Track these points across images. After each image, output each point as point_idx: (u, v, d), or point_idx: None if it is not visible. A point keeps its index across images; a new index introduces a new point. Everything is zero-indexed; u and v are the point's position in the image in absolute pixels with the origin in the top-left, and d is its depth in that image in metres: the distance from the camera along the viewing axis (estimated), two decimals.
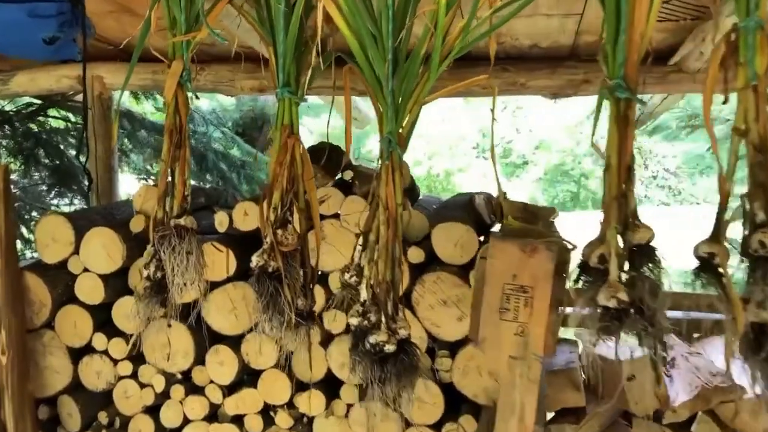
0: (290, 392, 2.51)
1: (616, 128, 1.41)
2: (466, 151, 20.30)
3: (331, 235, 2.41)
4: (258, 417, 2.57)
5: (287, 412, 2.52)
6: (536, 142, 20.25)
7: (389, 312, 1.56)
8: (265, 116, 6.15)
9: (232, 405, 2.58)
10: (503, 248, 1.49)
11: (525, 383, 1.49)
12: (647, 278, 1.35)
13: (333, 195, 2.41)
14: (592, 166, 18.62)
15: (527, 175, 20.34)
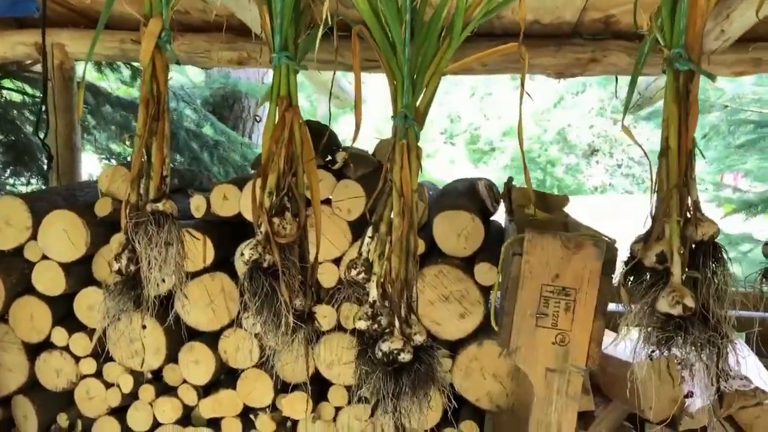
0: (273, 394, 2.29)
1: (676, 106, 1.21)
2: (434, 137, 20.13)
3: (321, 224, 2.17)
4: (237, 420, 2.34)
5: (269, 415, 2.30)
6: (504, 128, 20.20)
7: (403, 314, 1.34)
8: (237, 94, 5.85)
9: (208, 407, 2.34)
10: (542, 244, 1.29)
11: (563, 399, 1.30)
12: (712, 281, 1.16)
13: (324, 178, 2.17)
14: (558, 154, 18.63)
15: (495, 161, 20.29)
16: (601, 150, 18.86)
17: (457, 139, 20.81)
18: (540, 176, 20.06)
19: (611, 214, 12.22)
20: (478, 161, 20.41)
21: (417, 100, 1.42)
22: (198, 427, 2.36)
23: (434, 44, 1.40)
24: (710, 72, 1.23)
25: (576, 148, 18.91)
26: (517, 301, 1.32)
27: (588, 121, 18.64)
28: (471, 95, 20.83)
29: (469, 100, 20.78)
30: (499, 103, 19.94)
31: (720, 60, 2.49)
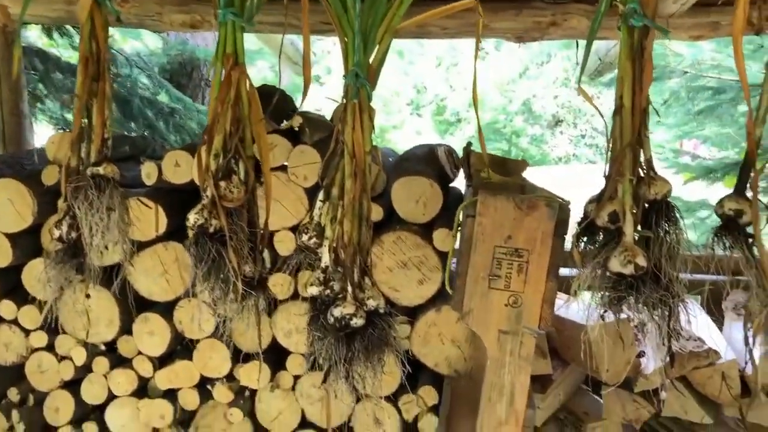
0: (230, 364, 2.26)
1: (631, 63, 1.19)
2: (400, 108, 20.03)
3: (276, 190, 2.12)
4: (194, 391, 2.30)
5: (227, 385, 2.27)
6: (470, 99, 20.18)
7: (356, 279, 1.32)
8: (195, 61, 5.69)
9: (164, 378, 2.30)
10: (495, 205, 1.27)
11: (516, 361, 1.29)
12: (664, 240, 1.15)
13: (279, 144, 2.12)
14: (523, 124, 18.71)
15: (461, 132, 20.31)
16: (566, 120, 19.01)
17: (424, 110, 20.75)
18: (505, 147, 20.14)
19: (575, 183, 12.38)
20: (444, 132, 20.38)
21: (369, 59, 1.37)
22: (154, 399, 2.32)
23: (386, 0, 1.35)
24: (664, 28, 1.21)
25: (541, 118, 19.02)
26: (470, 263, 1.29)
27: (552, 91, 18.73)
28: (437, 65, 20.73)
29: (435, 70, 20.69)
30: (465, 73, 19.89)
31: (678, 24, 2.48)
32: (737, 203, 1.15)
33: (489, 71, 19.02)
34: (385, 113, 19.78)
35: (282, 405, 2.27)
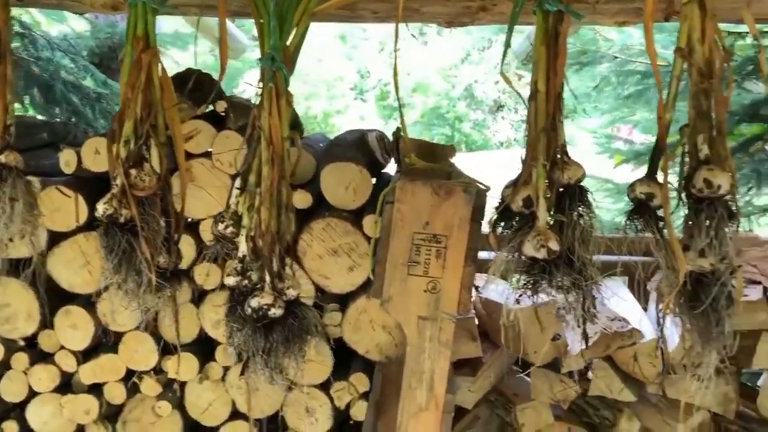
0: (157, 356, 2.20)
1: (545, 47, 1.19)
2: (344, 93, 19.93)
3: (201, 177, 2.07)
4: (120, 385, 2.23)
5: (154, 378, 2.21)
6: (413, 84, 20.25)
7: (274, 269, 1.29)
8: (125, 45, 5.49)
9: (89, 373, 2.22)
10: (413, 191, 1.26)
11: (435, 347, 1.29)
12: (578, 224, 1.16)
13: (203, 130, 2.06)
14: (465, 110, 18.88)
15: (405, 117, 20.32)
16: (507, 105, 19.27)
17: (367, 95, 20.70)
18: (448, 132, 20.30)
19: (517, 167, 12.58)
20: (388, 117, 20.38)
21: (286, 42, 1.34)
22: (78, 394, 2.24)
23: None
24: (577, 12, 1.22)
25: (483, 103, 19.20)
26: (389, 249, 1.29)
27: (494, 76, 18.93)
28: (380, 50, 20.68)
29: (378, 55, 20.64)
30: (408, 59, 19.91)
31: (604, 9, 2.51)
32: (648, 187, 1.17)
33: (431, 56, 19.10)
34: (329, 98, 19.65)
35: (212, 396, 2.23)
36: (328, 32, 19.28)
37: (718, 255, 1.12)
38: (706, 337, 1.16)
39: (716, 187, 1.11)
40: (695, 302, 1.16)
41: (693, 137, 1.15)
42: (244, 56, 17.28)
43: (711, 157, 1.14)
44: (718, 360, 1.16)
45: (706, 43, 1.15)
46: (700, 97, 1.14)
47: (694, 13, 1.16)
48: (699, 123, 1.14)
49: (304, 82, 19.30)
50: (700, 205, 1.12)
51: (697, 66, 1.15)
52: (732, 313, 1.16)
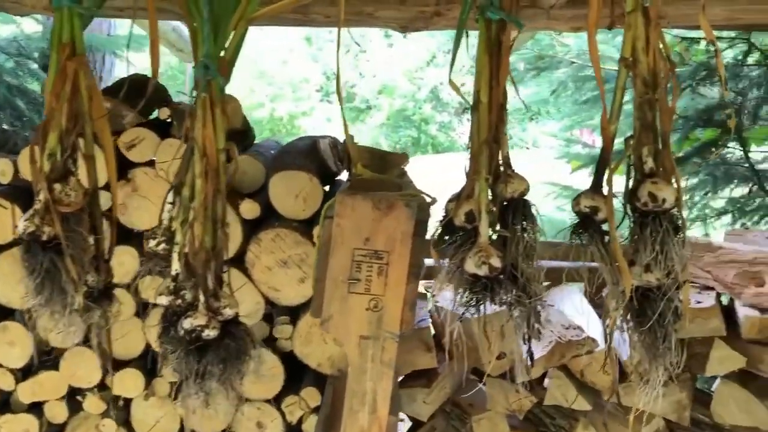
0: (101, 373, 2.11)
1: (488, 57, 1.16)
2: (310, 94, 19.82)
3: (145, 187, 2.00)
4: (61, 404, 2.14)
5: (98, 395, 2.12)
6: (379, 86, 20.24)
7: (210, 287, 1.23)
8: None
9: (28, 391, 2.13)
10: (353, 205, 1.21)
11: (378, 367, 1.24)
12: (522, 239, 1.13)
13: (146, 137, 1.99)
14: (431, 112, 18.91)
15: (371, 119, 20.33)
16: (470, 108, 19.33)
17: (333, 97, 20.59)
18: (414, 134, 20.32)
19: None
20: (354, 119, 20.31)
21: (222, 49, 1.28)
22: (18, 414, 2.14)
23: None
24: (519, 20, 1.19)
25: (448, 105, 19.26)
26: (329, 266, 1.24)
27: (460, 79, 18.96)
28: (346, 52, 20.61)
29: (344, 57, 20.56)
30: (374, 61, 19.89)
31: (558, 15, 2.50)
32: (593, 200, 1.14)
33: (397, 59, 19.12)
34: (294, 100, 19.52)
35: (159, 413, 2.15)
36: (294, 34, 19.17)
37: (663, 270, 1.10)
38: (653, 353, 1.13)
39: (661, 200, 1.08)
40: (642, 318, 1.14)
41: (638, 149, 1.12)
42: None
43: (656, 169, 1.11)
44: (665, 376, 1.14)
45: (650, 52, 1.13)
46: (645, 108, 1.12)
47: (638, 22, 1.14)
48: (643, 135, 1.12)
49: (270, 83, 19.16)
50: (645, 219, 1.09)
51: (641, 76, 1.12)
52: (679, 329, 1.14)
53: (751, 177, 3.55)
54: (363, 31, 20.10)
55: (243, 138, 2.38)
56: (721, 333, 2.07)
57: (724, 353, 2.06)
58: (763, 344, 2.06)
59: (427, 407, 2.16)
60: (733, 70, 3.12)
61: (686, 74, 3.22)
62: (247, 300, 2.03)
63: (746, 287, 2.15)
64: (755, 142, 3.43)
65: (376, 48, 19.76)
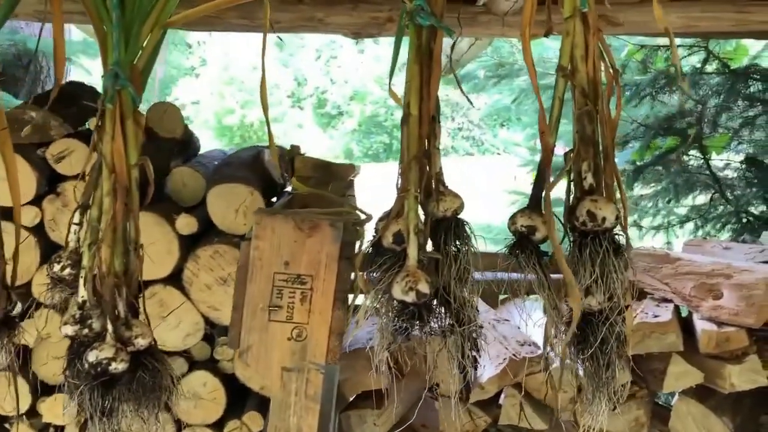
0: (30, 398, 1.99)
1: (418, 66, 1.08)
2: (280, 100, 19.67)
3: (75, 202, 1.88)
4: None
5: (27, 422, 2.00)
6: (351, 92, 20.16)
7: (121, 315, 1.13)
8: (31, 52, 5.18)
9: None
10: (272, 226, 1.12)
11: (302, 402, 1.15)
12: (455, 261, 1.05)
13: (76, 149, 1.87)
14: None
15: (342, 126, 20.26)
16: (444, 114, 19.38)
17: (305, 103, 20.50)
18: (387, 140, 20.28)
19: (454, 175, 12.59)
20: (326, 125, 20.21)
21: (134, 56, 1.18)
22: None
23: None
24: (449, 27, 1.11)
25: None
26: (247, 293, 1.15)
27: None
28: (317, 58, 20.53)
29: (315, 63, 20.48)
30: (345, 66, 19.80)
31: (513, 22, 2.45)
32: (530, 219, 1.07)
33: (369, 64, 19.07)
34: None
35: None
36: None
37: (605, 293, 1.02)
38: (596, 381, 1.06)
39: (600, 219, 1.01)
40: (583, 344, 1.06)
41: (577, 164, 1.05)
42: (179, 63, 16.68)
43: (596, 186, 1.04)
44: (610, 407, 1.06)
45: (590, 61, 1.06)
46: (584, 120, 1.04)
47: (576, 29, 1.07)
48: (583, 149, 1.04)
49: (240, 89, 18.97)
50: (584, 239, 1.02)
51: (580, 86, 1.05)
52: (623, 355, 1.07)
53: (713, 185, 3.53)
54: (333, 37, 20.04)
55: (185, 148, 2.27)
56: (678, 348, 2.01)
57: (682, 369, 2.00)
58: (721, 359, 2.01)
59: (377, 429, 2.08)
60: (692, 78, 3.09)
61: (646, 82, 3.19)
62: (185, 320, 1.93)
63: (704, 300, 2.10)
64: (715, 150, 3.41)
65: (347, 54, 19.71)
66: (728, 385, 1.95)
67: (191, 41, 20.08)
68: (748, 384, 1.96)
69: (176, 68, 20.05)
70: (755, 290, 1.98)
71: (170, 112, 2.14)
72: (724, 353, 2.01)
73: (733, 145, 3.46)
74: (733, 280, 2.06)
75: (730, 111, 3.18)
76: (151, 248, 1.88)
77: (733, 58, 3.26)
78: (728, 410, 2.04)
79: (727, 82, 3.02)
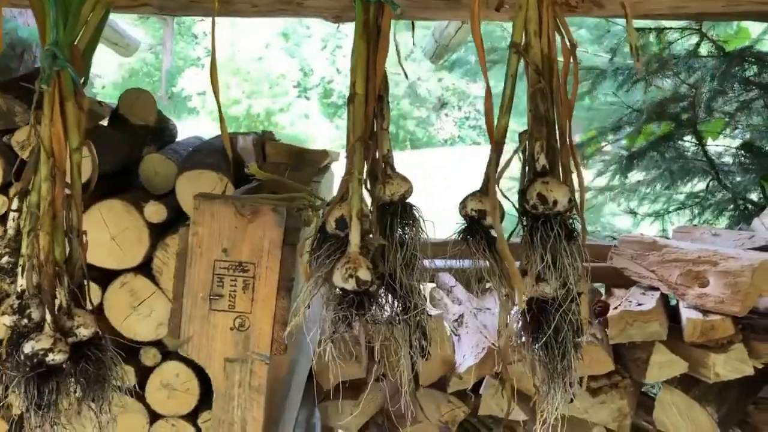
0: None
1: (364, 43, 1.03)
2: (287, 90, 19.61)
3: None
4: None
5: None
6: None
7: (63, 304, 1.09)
8: (24, 42, 5.15)
9: None
10: (212, 211, 1.08)
11: (246, 393, 1.11)
12: (401, 246, 1.00)
13: None
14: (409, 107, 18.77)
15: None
16: (450, 103, 19.28)
17: (311, 93, 20.46)
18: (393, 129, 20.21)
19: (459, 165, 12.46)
20: (332, 115, 20.14)
21: (75, 36, 1.14)
22: None
23: None
24: (394, 2, 1.06)
25: (426, 101, 19.15)
26: (187, 281, 1.11)
27: (437, 74, 18.88)
28: (322, 48, 20.46)
29: (321, 52, 20.42)
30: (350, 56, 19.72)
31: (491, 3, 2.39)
32: (480, 202, 1.02)
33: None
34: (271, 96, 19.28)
35: None
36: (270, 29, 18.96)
37: (558, 280, 0.97)
38: (550, 372, 1.01)
39: (551, 202, 0.96)
40: (537, 333, 1.02)
41: (530, 145, 1.00)
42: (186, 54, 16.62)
43: (550, 168, 0.99)
44: (565, 400, 1.02)
45: (544, 36, 1.01)
46: (537, 98, 0.99)
47: (530, 3, 1.01)
48: (536, 129, 0.99)
49: (245, 79, 18.92)
50: (535, 222, 0.97)
51: (533, 63, 1.00)
52: (580, 345, 1.02)
53: (710, 171, 3.46)
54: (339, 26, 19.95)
55: (158, 136, 2.23)
56: (661, 337, 1.96)
57: (665, 358, 1.96)
58: (706, 348, 1.95)
59: (356, 420, 2.05)
60: (685, 61, 3.02)
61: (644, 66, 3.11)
62: (157, 309, 1.88)
63: (690, 288, 2.05)
64: (711, 136, 3.33)
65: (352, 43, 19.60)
66: (713, 374, 1.90)
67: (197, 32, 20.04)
68: (734, 373, 1.91)
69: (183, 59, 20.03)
70: (741, 277, 1.92)
71: (142, 99, 2.10)
72: (710, 342, 1.96)
73: (729, 131, 3.39)
74: (719, 267, 2.00)
75: (725, 95, 3.10)
76: (121, 236, 1.85)
77: (728, 41, 3.18)
78: (713, 400, 1.99)
79: (721, 65, 2.94)
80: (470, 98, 18.80)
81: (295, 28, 20.79)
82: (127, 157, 1.99)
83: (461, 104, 19.18)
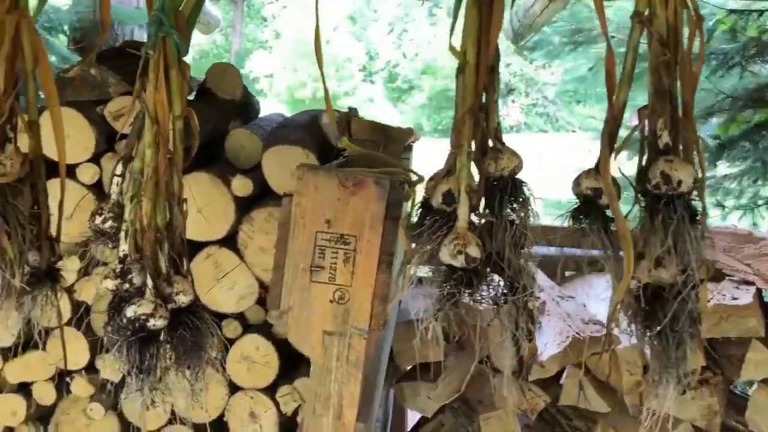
0: (88, 355, 2.02)
1: (476, 10, 0.98)
2: (352, 74, 19.67)
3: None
4: (49, 385, 2.07)
5: (86, 378, 2.04)
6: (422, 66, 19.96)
7: (162, 271, 1.10)
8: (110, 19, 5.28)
9: (15, 371, 2.05)
10: (315, 182, 1.06)
11: (343, 368, 1.10)
12: (511, 224, 0.96)
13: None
14: None
15: (413, 100, 20.12)
16: (517, 89, 18.94)
17: (376, 77, 20.46)
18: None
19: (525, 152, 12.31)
20: (397, 100, 20.11)
21: (180, 3, 1.14)
22: (5, 394, 2.07)
23: None
24: None
25: None
26: (288, 252, 1.09)
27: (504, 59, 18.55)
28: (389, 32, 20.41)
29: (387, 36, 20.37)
30: (417, 40, 19.59)
31: None
32: (596, 180, 0.96)
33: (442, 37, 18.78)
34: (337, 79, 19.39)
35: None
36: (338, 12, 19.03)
37: (678, 266, 0.91)
38: (664, 362, 0.95)
39: (676, 182, 0.90)
40: (651, 321, 0.96)
41: (652, 121, 0.94)
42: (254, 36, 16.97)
43: (672, 146, 0.93)
44: (678, 392, 0.96)
45: (670, 6, 0.94)
46: (661, 71, 0.93)
47: None
48: (658, 104, 0.93)
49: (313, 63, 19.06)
50: (656, 204, 0.91)
51: (657, 35, 0.93)
52: (696, 336, 0.96)
53: None
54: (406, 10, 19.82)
55: (244, 111, 2.24)
56: (758, 334, 1.86)
57: (762, 356, 1.85)
58: None
59: (431, 403, 2.02)
60: None
61: (734, 50, 2.95)
62: (240, 283, 1.91)
63: None
64: None
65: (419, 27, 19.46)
66: None
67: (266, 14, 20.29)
68: None
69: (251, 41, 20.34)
70: None
71: (229, 73, 2.11)
72: None
73: None
74: None
75: None
76: (207, 209, 1.87)
77: None
78: None
79: None
80: (538, 84, 18.41)
81: (362, 11, 20.79)
82: (214, 131, 2.00)
83: (529, 90, 18.81)
